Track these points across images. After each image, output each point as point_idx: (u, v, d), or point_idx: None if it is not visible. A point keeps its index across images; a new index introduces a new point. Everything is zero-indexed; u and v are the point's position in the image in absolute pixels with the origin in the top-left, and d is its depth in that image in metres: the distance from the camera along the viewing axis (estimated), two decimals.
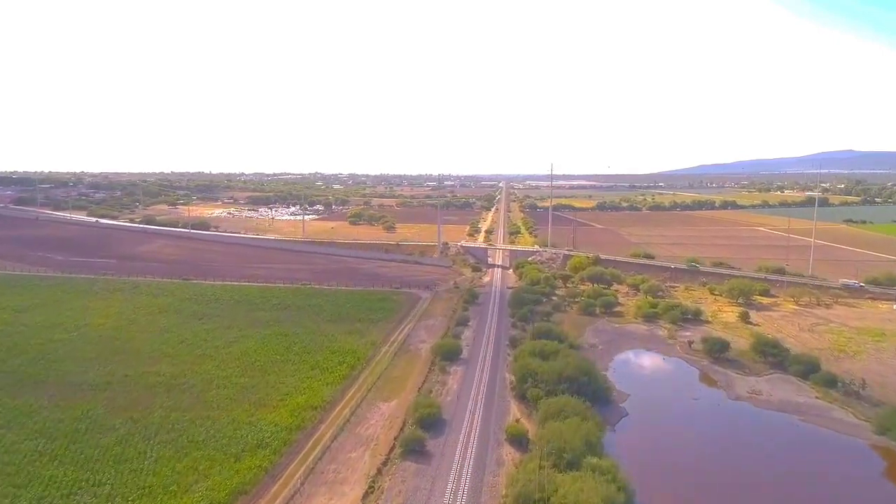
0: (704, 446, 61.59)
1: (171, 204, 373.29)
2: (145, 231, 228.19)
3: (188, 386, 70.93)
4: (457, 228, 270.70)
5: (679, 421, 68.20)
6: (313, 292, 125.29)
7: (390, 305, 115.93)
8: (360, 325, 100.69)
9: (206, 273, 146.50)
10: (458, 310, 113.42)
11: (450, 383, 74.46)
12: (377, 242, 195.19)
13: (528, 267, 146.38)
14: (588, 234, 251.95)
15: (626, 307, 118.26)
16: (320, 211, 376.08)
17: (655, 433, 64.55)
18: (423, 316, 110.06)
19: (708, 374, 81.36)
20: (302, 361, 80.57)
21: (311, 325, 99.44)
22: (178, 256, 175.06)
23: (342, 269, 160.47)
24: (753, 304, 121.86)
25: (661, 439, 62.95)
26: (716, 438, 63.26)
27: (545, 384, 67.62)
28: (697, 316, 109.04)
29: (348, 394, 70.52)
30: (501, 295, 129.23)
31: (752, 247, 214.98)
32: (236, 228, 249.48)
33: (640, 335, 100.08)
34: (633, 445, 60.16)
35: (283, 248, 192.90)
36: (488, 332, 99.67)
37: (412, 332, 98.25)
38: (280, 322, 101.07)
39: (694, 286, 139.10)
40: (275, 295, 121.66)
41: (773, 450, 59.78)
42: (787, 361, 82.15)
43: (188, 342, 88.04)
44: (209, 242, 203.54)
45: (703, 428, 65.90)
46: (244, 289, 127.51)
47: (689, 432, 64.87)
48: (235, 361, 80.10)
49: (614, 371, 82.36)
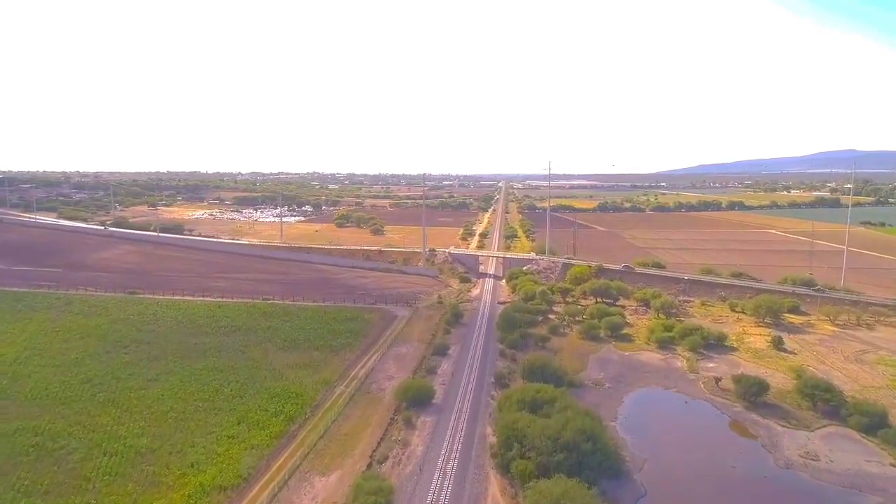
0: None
1: (153, 205, 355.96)
2: (112, 235, 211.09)
3: (66, 452, 53.87)
4: (450, 231, 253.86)
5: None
6: (273, 310, 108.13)
7: (359, 327, 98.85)
8: (317, 355, 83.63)
9: (159, 285, 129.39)
10: (439, 333, 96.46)
11: (413, 444, 57.36)
12: (359, 248, 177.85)
13: (523, 279, 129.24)
14: (589, 237, 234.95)
15: (636, 328, 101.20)
16: (308, 212, 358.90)
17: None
18: (396, 341, 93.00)
19: (744, 426, 64.20)
20: (230, 410, 63.53)
21: (257, 356, 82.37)
22: (135, 265, 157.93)
23: (316, 280, 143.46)
24: (783, 324, 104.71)
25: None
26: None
27: (536, 452, 50.65)
28: (721, 341, 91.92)
29: (277, 462, 53.44)
30: (491, 313, 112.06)
31: (767, 252, 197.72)
32: (213, 232, 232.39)
33: (654, 367, 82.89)
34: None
35: (255, 255, 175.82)
36: (471, 363, 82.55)
37: (379, 364, 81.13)
38: (221, 351, 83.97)
39: (711, 300, 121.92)
40: (226, 314, 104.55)
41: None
42: (843, 409, 65.15)
43: (96, 381, 70.96)
44: (176, 248, 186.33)
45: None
46: (193, 306, 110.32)
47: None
48: (145, 410, 63.11)
49: (625, 420, 65.28)
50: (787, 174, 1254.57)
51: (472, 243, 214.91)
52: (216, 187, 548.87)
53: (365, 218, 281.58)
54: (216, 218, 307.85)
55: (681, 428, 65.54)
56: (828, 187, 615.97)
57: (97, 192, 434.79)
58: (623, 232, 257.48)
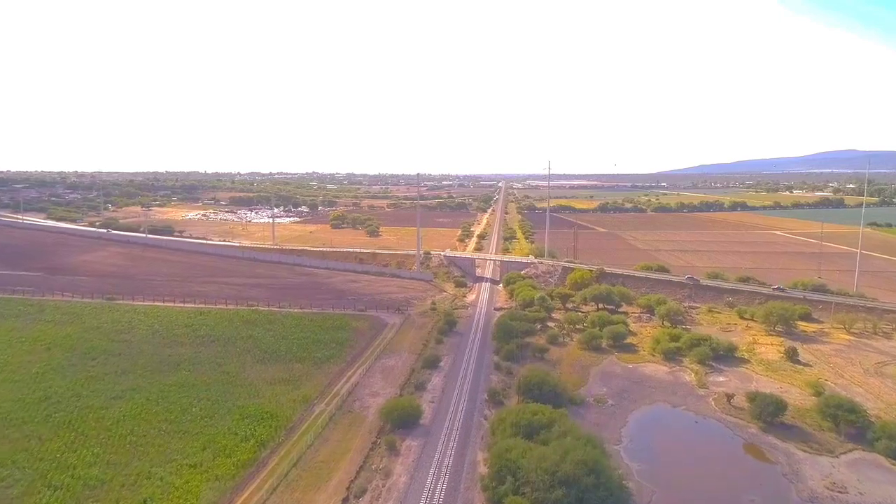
0: None
1: (146, 206, 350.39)
2: (101, 237, 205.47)
3: (6, 485, 48.13)
4: (447, 232, 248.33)
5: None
6: (257, 318, 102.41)
7: (346, 336, 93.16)
8: (299, 369, 77.94)
9: (141, 290, 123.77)
10: (431, 342, 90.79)
11: (396, 473, 51.65)
12: (351, 251, 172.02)
13: (521, 283, 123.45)
14: (590, 239, 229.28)
15: (640, 338, 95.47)
16: (304, 213, 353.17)
17: None
18: (384, 351, 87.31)
19: (761, 451, 58.47)
20: (196, 433, 57.83)
21: (233, 370, 76.68)
22: (119, 268, 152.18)
23: (305, 285, 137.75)
24: (795, 333, 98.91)
25: None
26: None
27: (532, 487, 44.99)
28: (731, 352, 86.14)
29: (241, 496, 47.72)
30: (486, 320, 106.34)
31: (773, 254, 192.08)
32: (204, 233, 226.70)
33: (660, 382, 77.13)
34: None
35: (244, 258, 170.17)
36: (463, 376, 76.86)
37: (364, 379, 75.42)
38: (195, 364, 78.26)
39: (718, 307, 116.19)
40: (206, 322, 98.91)
41: None
42: (869, 431, 59.43)
43: (54, 399, 65.29)
44: (164, 250, 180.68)
45: None
46: (172, 314, 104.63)
47: None
48: (103, 434, 57.42)
49: (630, 444, 59.52)
50: (788, 174, 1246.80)
51: (470, 245, 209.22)
52: (213, 188, 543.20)
53: (361, 219, 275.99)
54: (209, 219, 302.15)
55: (691, 453, 59.81)
56: (830, 187, 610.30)
57: (91, 192, 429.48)
58: (624, 233, 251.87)
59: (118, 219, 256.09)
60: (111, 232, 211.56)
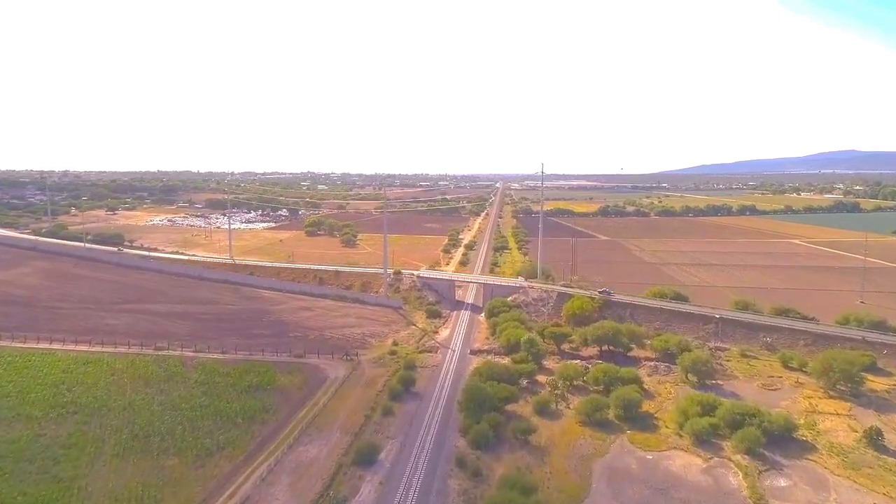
0: None
1: (112, 209, 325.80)
2: (35, 247, 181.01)
3: None
4: (434, 241, 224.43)
5: None
6: (155, 371, 78.03)
7: (264, 403, 68.98)
8: (171, 466, 53.83)
9: (35, 324, 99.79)
10: (377, 412, 66.81)
11: None
12: (311, 268, 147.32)
13: (505, 317, 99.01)
14: (590, 248, 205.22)
15: (659, 402, 71.49)
16: (282, 218, 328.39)
17: None
18: (308, 428, 63.21)
19: None
20: None
21: (71, 471, 52.51)
22: (29, 291, 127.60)
23: (245, 313, 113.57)
24: (863, 393, 74.77)
25: None
26: None
27: None
28: (788, 432, 62.04)
29: None
30: (458, 372, 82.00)
31: (798, 269, 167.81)
32: (159, 243, 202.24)
33: (693, 486, 53.05)
34: None
35: (188, 275, 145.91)
36: (409, 482, 52.71)
37: (260, 491, 51.21)
38: (21, 461, 54.00)
39: (753, 348, 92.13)
40: (85, 378, 74.68)
41: None
42: None
43: None
44: (98, 266, 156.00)
45: None
46: (49, 363, 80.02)
47: None
48: None
49: None
50: (789, 174, 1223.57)
51: (456, 257, 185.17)
52: (195, 189, 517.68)
53: (338, 225, 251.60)
54: (175, 224, 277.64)
55: None
56: (838, 189, 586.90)
57: (61, 193, 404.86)
58: (628, 241, 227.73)
59: (68, 225, 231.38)
60: (40, 241, 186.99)
